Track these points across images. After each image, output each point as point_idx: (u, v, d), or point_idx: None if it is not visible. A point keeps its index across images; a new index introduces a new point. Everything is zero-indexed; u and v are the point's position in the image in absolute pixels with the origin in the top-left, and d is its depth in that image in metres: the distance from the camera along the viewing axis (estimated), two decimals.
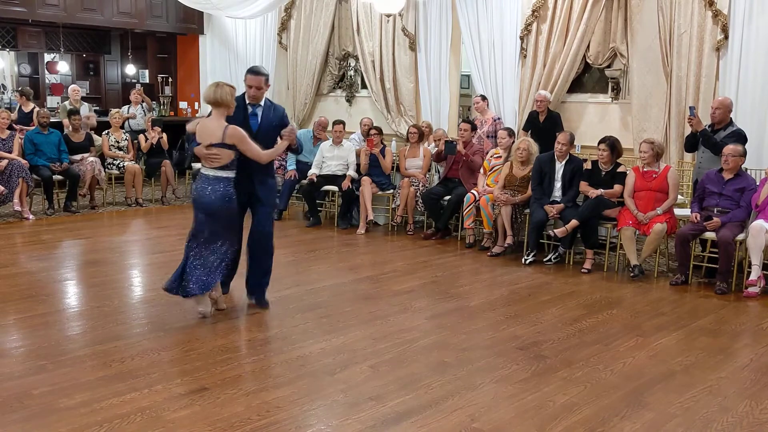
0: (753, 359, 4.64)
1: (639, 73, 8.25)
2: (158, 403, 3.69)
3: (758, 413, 3.78)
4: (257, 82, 5.08)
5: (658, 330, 5.14)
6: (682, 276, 6.40)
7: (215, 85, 4.87)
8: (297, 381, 4.03)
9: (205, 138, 4.81)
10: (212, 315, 5.13)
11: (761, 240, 5.95)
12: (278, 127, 5.14)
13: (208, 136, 4.81)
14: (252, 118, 5.12)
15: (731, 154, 6.26)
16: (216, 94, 4.79)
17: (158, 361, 4.27)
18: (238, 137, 4.80)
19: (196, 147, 4.88)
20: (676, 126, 7.94)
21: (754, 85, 7.40)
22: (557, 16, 8.67)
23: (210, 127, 4.83)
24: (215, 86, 4.86)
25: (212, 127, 4.82)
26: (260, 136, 5.03)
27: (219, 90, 4.81)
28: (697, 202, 6.49)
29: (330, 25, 11.13)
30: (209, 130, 4.82)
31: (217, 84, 4.88)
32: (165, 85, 13.32)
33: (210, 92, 4.83)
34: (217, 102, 4.81)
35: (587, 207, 6.85)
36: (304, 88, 11.56)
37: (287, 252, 7.46)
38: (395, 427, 3.52)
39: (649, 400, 3.90)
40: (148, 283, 6.31)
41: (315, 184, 8.73)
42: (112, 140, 9.91)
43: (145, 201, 9.93)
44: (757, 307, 5.83)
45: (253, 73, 5.11)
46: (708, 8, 7.60)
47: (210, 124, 4.84)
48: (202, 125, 4.88)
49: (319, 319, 5.16)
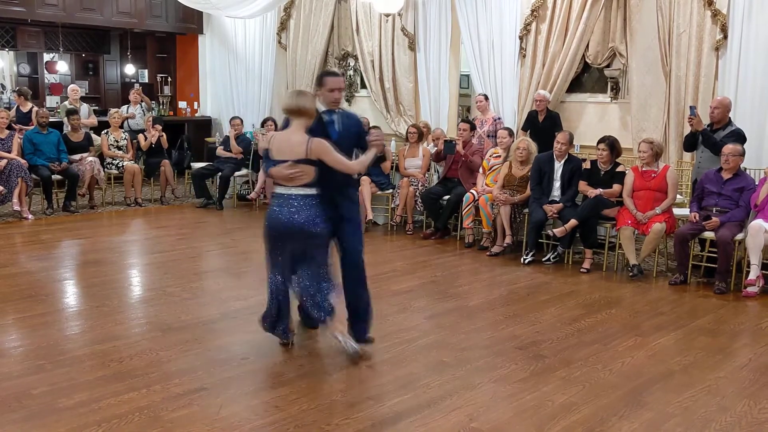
0: (752, 359, 4.64)
1: (638, 73, 8.25)
2: (156, 403, 3.69)
3: (757, 413, 3.78)
4: (340, 83, 4.53)
5: (657, 330, 5.14)
6: (681, 276, 6.40)
7: (297, 93, 4.38)
8: (296, 381, 4.03)
9: (286, 154, 4.22)
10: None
11: (760, 239, 5.95)
12: (357, 134, 4.58)
13: (289, 152, 4.22)
14: (330, 126, 4.47)
15: (731, 154, 6.25)
16: (300, 102, 4.26)
17: (156, 361, 4.27)
18: (324, 150, 4.22)
19: (274, 168, 4.26)
20: (675, 126, 7.94)
21: (753, 85, 7.40)
22: (556, 16, 8.66)
23: (291, 141, 4.24)
24: (297, 93, 4.37)
25: (294, 142, 4.23)
26: (341, 145, 4.39)
27: (302, 98, 4.30)
28: (696, 201, 6.49)
29: (329, 25, 11.12)
30: (290, 145, 4.23)
31: (300, 91, 4.41)
32: (164, 84, 13.32)
33: (292, 100, 4.30)
34: (300, 111, 4.25)
35: (586, 207, 6.84)
36: (303, 87, 11.54)
37: None
38: (393, 426, 3.52)
39: (648, 400, 3.90)
40: (147, 283, 6.32)
41: None
42: (111, 140, 9.91)
43: (144, 201, 9.93)
44: (756, 306, 5.83)
45: (335, 75, 4.59)
46: (707, 8, 7.59)
47: (291, 139, 4.25)
48: (280, 141, 4.29)
49: None
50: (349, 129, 4.55)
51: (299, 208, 4.25)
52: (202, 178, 9.90)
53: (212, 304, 5.48)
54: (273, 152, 4.29)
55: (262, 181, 9.61)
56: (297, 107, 4.26)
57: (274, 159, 4.27)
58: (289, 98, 4.37)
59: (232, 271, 6.72)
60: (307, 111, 4.27)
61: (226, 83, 12.58)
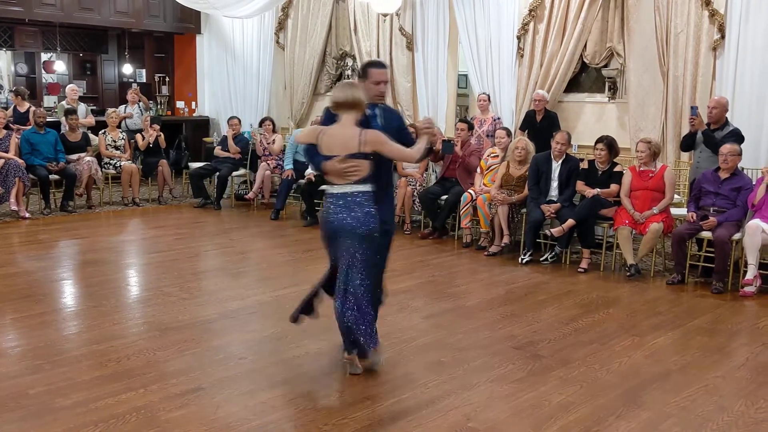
0: (749, 358, 4.64)
1: (636, 73, 8.25)
2: (154, 403, 3.69)
3: (754, 412, 3.79)
4: (386, 75, 4.30)
5: (655, 329, 5.14)
6: (678, 275, 6.40)
7: (349, 85, 4.18)
8: (293, 381, 4.03)
9: (338, 149, 4.01)
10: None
11: (757, 239, 5.95)
12: (397, 129, 4.37)
13: (341, 147, 4.01)
14: (372, 120, 4.24)
15: (729, 154, 6.26)
16: (355, 94, 4.04)
17: (154, 361, 4.27)
18: (379, 141, 4.03)
19: (328, 162, 4.03)
20: (673, 125, 7.95)
21: (751, 85, 7.41)
22: (554, 16, 8.67)
23: (342, 135, 4.04)
24: (349, 86, 4.14)
25: (346, 136, 4.03)
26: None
27: (355, 89, 4.08)
28: (693, 201, 6.50)
29: (327, 25, 11.13)
30: (342, 139, 4.03)
31: (351, 83, 4.19)
32: (162, 84, 13.31)
33: (346, 93, 4.07)
34: (353, 104, 4.04)
35: (584, 206, 6.85)
36: (301, 87, 11.56)
37: (284, 252, 7.46)
38: (391, 426, 3.52)
39: (645, 400, 3.91)
40: (145, 283, 6.31)
41: (313, 184, 8.72)
42: (109, 140, 9.90)
43: (141, 201, 9.92)
44: (754, 306, 5.84)
45: (380, 66, 4.33)
46: (704, 8, 7.60)
47: (342, 133, 4.04)
48: (330, 135, 4.07)
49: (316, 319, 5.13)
50: (391, 123, 4.35)
51: (351, 207, 4.02)
52: (200, 178, 9.89)
53: (210, 304, 5.48)
54: (322, 148, 4.07)
55: (259, 181, 9.61)
56: (352, 99, 4.03)
57: (324, 155, 4.05)
58: (341, 91, 4.09)
59: (229, 271, 6.72)
60: (361, 103, 4.06)
61: (224, 83, 12.57)
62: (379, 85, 4.23)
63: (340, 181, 4.06)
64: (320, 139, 4.09)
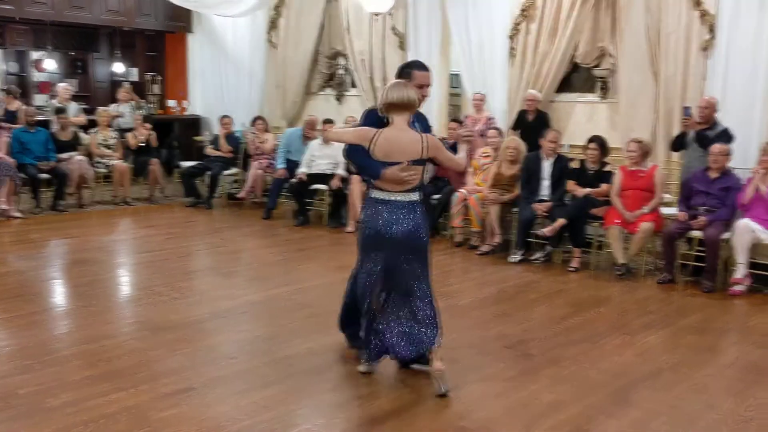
0: (739, 357, 4.67)
1: (627, 73, 8.27)
2: (144, 403, 3.68)
3: (743, 410, 3.81)
4: (430, 78, 4.11)
5: (645, 328, 5.17)
6: (668, 274, 6.43)
7: (403, 85, 3.87)
8: (285, 380, 4.03)
9: (398, 154, 3.78)
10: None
11: (747, 238, 5.99)
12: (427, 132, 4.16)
13: (401, 153, 3.78)
14: (412, 125, 4.01)
15: (719, 153, 6.30)
16: (409, 95, 3.81)
17: (145, 361, 4.26)
18: (438, 147, 3.87)
19: (390, 169, 3.77)
20: (664, 125, 7.97)
21: (741, 85, 7.43)
22: (546, 16, 8.68)
23: (403, 140, 3.79)
24: (404, 86, 3.86)
25: (407, 140, 3.80)
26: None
27: (410, 90, 3.84)
28: (683, 201, 6.53)
29: (319, 24, 11.10)
30: (402, 144, 3.79)
31: (404, 83, 3.89)
32: (153, 83, 13.26)
33: (401, 93, 3.81)
34: (408, 104, 3.82)
35: (574, 206, 6.87)
36: (293, 86, 11.53)
37: (276, 251, 7.45)
38: (382, 426, 3.53)
39: (636, 398, 3.93)
40: (136, 283, 6.30)
41: (304, 183, 8.72)
42: (100, 139, 9.86)
43: (133, 200, 9.87)
44: (743, 305, 5.87)
45: (425, 69, 4.10)
46: (695, 8, 7.63)
47: (402, 137, 3.80)
48: (388, 139, 3.80)
49: (308, 319, 5.16)
50: (426, 129, 4.16)
51: (404, 215, 3.85)
52: (191, 177, 9.86)
53: (201, 304, 5.47)
54: (378, 152, 3.80)
55: (251, 180, 9.59)
56: (407, 100, 3.81)
57: (381, 160, 3.80)
58: (395, 91, 3.83)
59: (221, 270, 6.71)
60: (415, 104, 3.87)
61: (216, 82, 12.52)
62: (423, 88, 4.03)
63: (397, 188, 3.83)
64: (375, 142, 3.80)
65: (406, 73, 4.06)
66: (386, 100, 3.85)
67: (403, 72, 4.09)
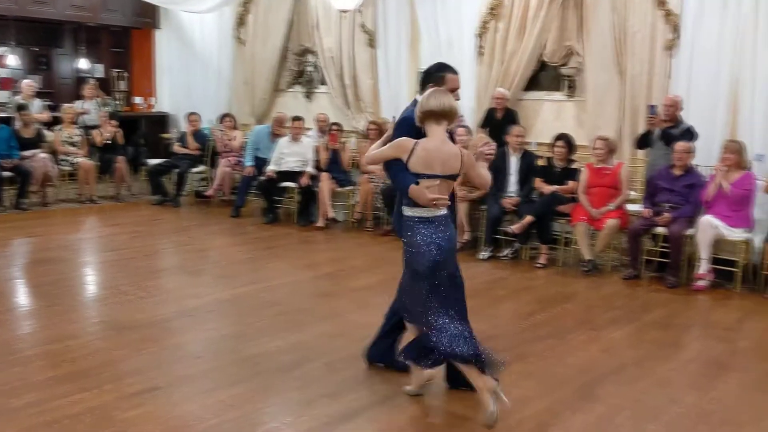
0: (701, 351, 4.76)
1: (593, 72, 8.36)
2: (109, 403, 3.63)
3: (705, 404, 3.88)
4: (459, 82, 3.90)
5: (611, 324, 5.23)
6: (634, 270, 6.53)
7: (443, 93, 3.62)
8: (252, 379, 4.01)
9: (438, 167, 3.56)
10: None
11: (709, 235, 6.10)
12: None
13: (441, 166, 3.57)
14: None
15: (683, 151, 6.41)
16: (450, 103, 3.58)
17: (110, 361, 4.20)
18: (473, 163, 3.70)
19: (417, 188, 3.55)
20: (630, 123, 8.07)
21: (705, 83, 7.56)
22: (514, 15, 8.73)
23: (443, 152, 3.57)
24: (443, 93, 3.61)
25: (447, 153, 3.58)
26: None
27: (449, 98, 3.61)
28: (648, 198, 6.63)
29: (288, 21, 11.04)
30: (443, 156, 3.57)
31: (443, 91, 3.65)
32: (119, 80, 13.08)
33: (442, 101, 3.56)
34: (450, 114, 3.60)
35: (542, 203, 6.94)
36: (262, 83, 11.45)
37: (244, 249, 7.40)
38: (349, 423, 3.53)
39: (601, 393, 3.97)
40: (101, 282, 6.21)
41: (273, 181, 8.67)
42: (65, 136, 9.69)
43: (98, 198, 9.73)
44: (706, 300, 5.98)
45: (455, 72, 3.87)
46: (659, 8, 7.74)
47: (443, 149, 3.58)
48: (428, 151, 3.56)
49: (276, 317, 5.13)
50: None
51: (450, 233, 3.68)
52: (158, 174, 9.75)
53: (167, 303, 5.41)
54: (417, 165, 3.56)
55: (219, 178, 9.52)
56: (449, 108, 3.57)
57: (419, 172, 3.58)
58: (436, 99, 3.58)
59: (188, 269, 6.64)
60: (456, 113, 3.66)
61: (183, 78, 12.39)
62: (454, 92, 3.81)
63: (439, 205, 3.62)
64: (414, 153, 3.56)
65: (438, 77, 3.80)
66: (425, 108, 3.60)
67: (434, 76, 3.82)
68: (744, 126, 7.31)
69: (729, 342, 4.92)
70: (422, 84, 3.87)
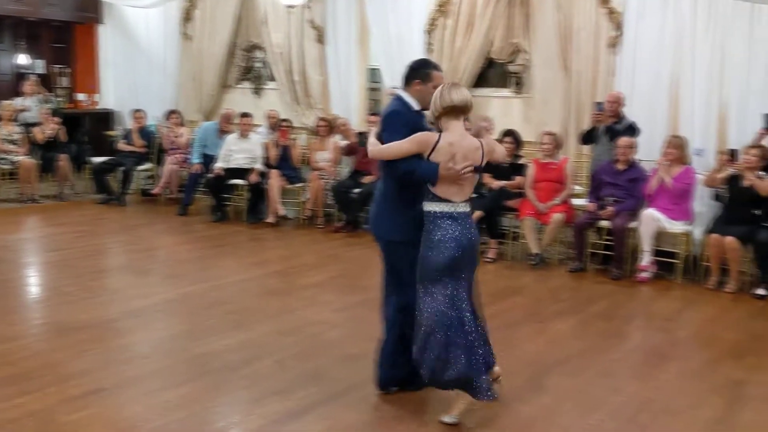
0: (643, 341, 4.90)
1: (540, 69, 8.49)
2: (51, 406, 3.55)
3: (647, 392, 3.99)
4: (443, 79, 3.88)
5: (557, 316, 5.34)
6: (579, 263, 6.66)
7: (459, 86, 3.63)
8: (199, 378, 3.96)
9: (463, 161, 3.52)
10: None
11: (651, 227, 6.27)
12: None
13: (464, 159, 3.52)
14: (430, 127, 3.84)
15: (626, 146, 6.56)
16: (470, 97, 3.59)
17: (52, 363, 4.10)
18: (493, 148, 3.74)
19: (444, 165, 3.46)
20: (575, 119, 8.22)
21: (647, 80, 7.75)
22: (462, 12, 8.80)
23: (466, 145, 3.56)
24: (460, 87, 3.62)
25: (469, 146, 3.56)
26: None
27: (467, 92, 3.62)
28: (593, 192, 6.77)
29: (236, 16, 10.90)
30: (466, 149, 3.54)
31: (459, 84, 3.67)
32: (61, 76, 12.73)
33: (464, 95, 3.55)
34: (469, 108, 3.60)
35: (490, 198, 7.02)
36: (209, 79, 11.29)
37: (192, 248, 7.30)
38: (299, 420, 3.52)
39: (547, 384, 4.05)
40: (44, 283, 6.06)
41: (221, 178, 8.57)
42: (4, 134, 9.39)
43: (40, 197, 9.47)
44: (649, 291, 6.14)
45: (440, 69, 3.87)
46: (602, 6, 7.90)
47: (465, 143, 3.56)
48: (453, 144, 3.52)
49: (225, 316, 5.08)
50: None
51: (471, 226, 3.66)
52: (103, 172, 9.54)
53: (112, 303, 5.30)
54: (441, 159, 3.50)
55: (166, 176, 9.36)
56: (470, 102, 3.58)
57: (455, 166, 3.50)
58: (456, 93, 3.54)
59: (134, 268, 6.52)
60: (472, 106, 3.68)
61: (128, 75, 12.13)
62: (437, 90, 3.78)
63: (459, 197, 3.57)
64: (438, 149, 3.51)
65: (424, 73, 3.75)
66: (448, 103, 3.53)
67: (420, 72, 3.76)
68: (685, 121, 7.53)
69: (669, 332, 5.07)
70: (407, 80, 3.82)
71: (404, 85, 3.83)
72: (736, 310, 5.63)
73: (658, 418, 3.68)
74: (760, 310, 5.63)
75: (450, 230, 3.54)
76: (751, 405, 3.86)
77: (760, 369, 4.37)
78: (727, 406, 3.84)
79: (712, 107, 7.38)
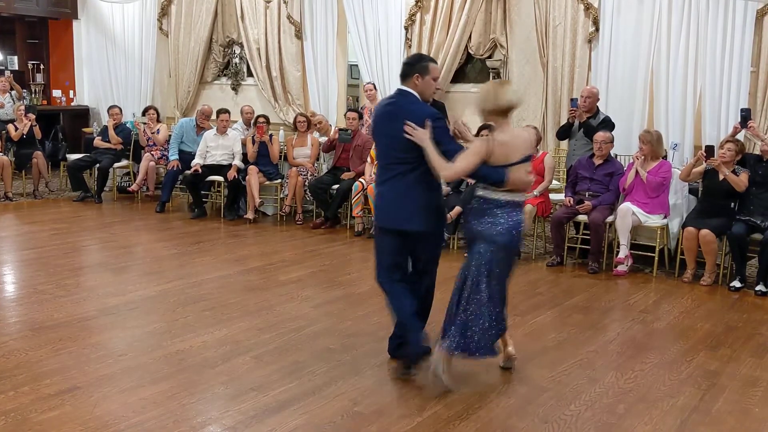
0: (620, 333, 4.92)
1: (518, 64, 8.54)
2: (24, 405, 3.50)
3: (623, 383, 4.02)
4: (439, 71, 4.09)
5: (535, 309, 5.36)
6: (557, 257, 6.70)
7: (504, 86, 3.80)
8: (176, 375, 3.93)
9: (516, 156, 3.70)
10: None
11: (628, 221, 6.31)
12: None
13: (517, 153, 3.70)
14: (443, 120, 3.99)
15: (603, 141, 6.60)
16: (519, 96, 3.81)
17: (25, 362, 4.05)
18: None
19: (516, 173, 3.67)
20: (553, 114, 8.29)
21: (623, 75, 7.83)
22: (440, 7, 8.83)
23: (518, 140, 3.74)
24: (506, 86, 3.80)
25: (520, 140, 3.75)
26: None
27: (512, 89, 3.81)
28: (570, 186, 6.81)
29: (213, 11, 10.85)
30: (518, 144, 3.71)
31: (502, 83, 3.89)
32: (36, 72, 12.58)
33: (512, 95, 3.74)
34: (516, 106, 3.79)
35: (469, 193, 7.01)
36: (186, 75, 11.22)
37: (170, 245, 7.24)
38: (277, 415, 3.50)
39: (524, 376, 4.07)
40: (18, 281, 5.97)
41: (199, 175, 8.51)
42: None
43: (15, 195, 9.35)
44: (625, 284, 6.19)
45: (435, 61, 4.03)
46: (580, 1, 7.95)
47: (516, 139, 3.74)
48: (505, 143, 3.67)
49: (202, 312, 5.04)
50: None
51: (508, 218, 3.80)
52: (79, 170, 9.44)
53: (88, 301, 5.24)
54: (498, 161, 3.66)
55: (143, 173, 9.27)
56: (519, 101, 3.79)
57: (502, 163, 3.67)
58: (507, 93, 3.71)
59: (110, 266, 6.45)
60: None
61: (104, 71, 12.03)
62: (437, 81, 3.96)
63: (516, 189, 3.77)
64: (495, 152, 3.65)
65: (422, 66, 3.85)
66: (504, 104, 3.69)
67: (418, 66, 3.86)
68: (660, 116, 7.62)
69: (646, 324, 5.11)
70: (405, 76, 3.89)
71: (403, 81, 3.91)
72: (711, 302, 5.69)
73: (634, 407, 3.71)
74: (735, 302, 5.70)
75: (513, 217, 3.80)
76: (725, 395, 3.90)
77: (733, 360, 4.42)
78: (701, 395, 3.88)
79: (688, 102, 7.47)
